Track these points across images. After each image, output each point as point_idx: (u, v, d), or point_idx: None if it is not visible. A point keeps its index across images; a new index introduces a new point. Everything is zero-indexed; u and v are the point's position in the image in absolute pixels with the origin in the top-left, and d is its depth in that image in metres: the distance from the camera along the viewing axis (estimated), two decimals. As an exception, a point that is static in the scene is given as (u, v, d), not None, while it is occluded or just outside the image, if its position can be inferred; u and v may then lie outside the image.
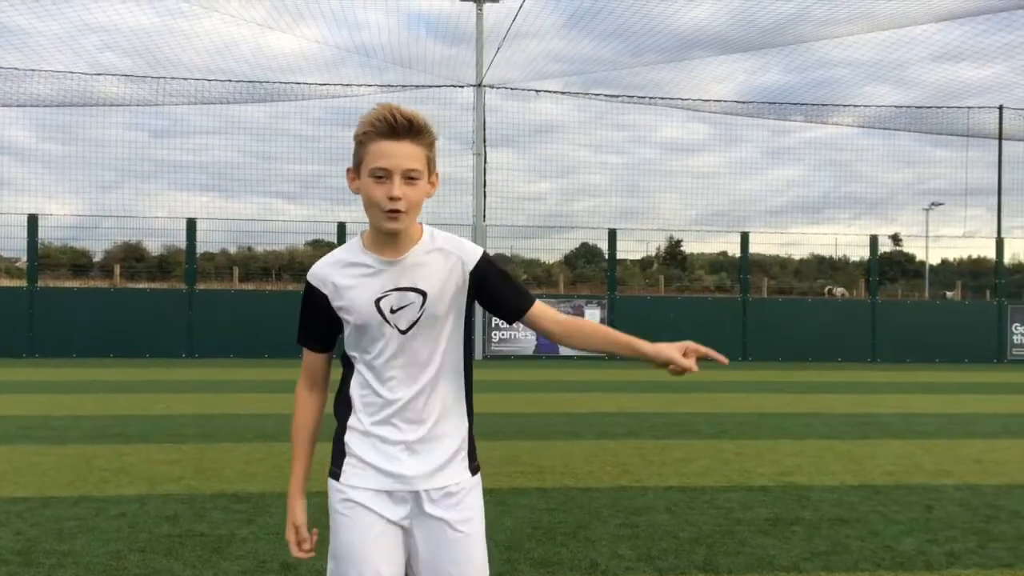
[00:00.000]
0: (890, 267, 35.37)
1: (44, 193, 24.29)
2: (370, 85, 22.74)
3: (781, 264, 40.28)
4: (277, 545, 4.84)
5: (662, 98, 24.20)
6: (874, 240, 23.15)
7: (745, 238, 22.37)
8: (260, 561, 4.53)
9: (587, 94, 24.23)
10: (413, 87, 22.65)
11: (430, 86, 22.65)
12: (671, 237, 38.48)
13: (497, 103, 22.83)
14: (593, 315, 21.42)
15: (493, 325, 21.08)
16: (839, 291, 35.48)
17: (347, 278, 2.22)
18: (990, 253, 25.22)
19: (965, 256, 37.06)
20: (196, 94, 21.79)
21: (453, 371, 2.34)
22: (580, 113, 25.33)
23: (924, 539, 5.16)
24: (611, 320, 21.37)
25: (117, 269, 25.70)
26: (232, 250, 30.93)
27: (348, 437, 2.27)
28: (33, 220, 19.85)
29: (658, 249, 41.09)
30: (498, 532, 5.19)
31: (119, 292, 21.33)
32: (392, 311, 2.20)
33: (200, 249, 21.36)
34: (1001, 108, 24.69)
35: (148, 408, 10.63)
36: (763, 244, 34.28)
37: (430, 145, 2.19)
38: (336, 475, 2.29)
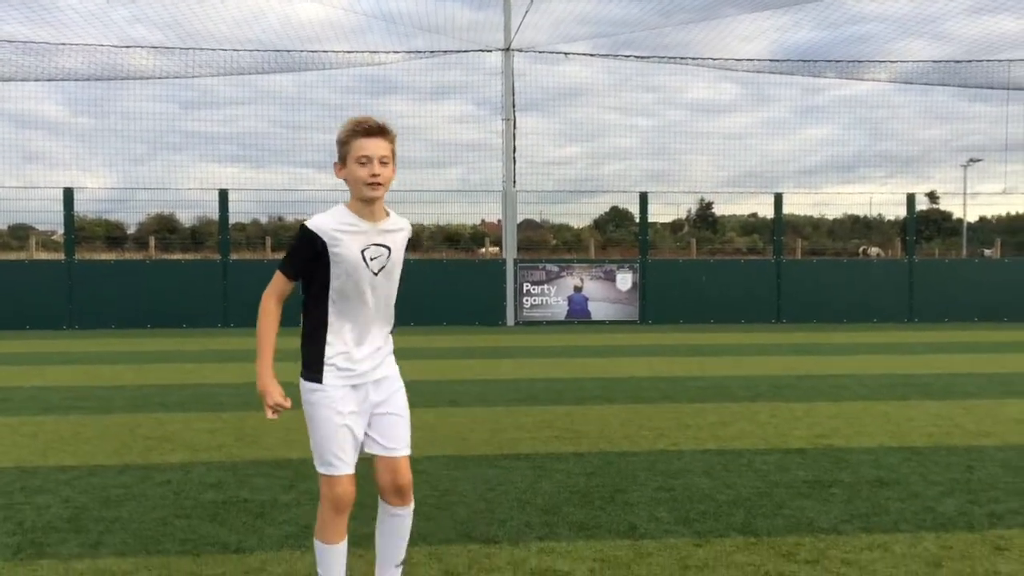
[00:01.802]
0: (926, 226, 34.81)
1: (78, 166, 24.56)
2: (396, 52, 22.59)
3: (814, 225, 39.75)
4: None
5: (692, 58, 23.81)
6: (911, 198, 22.73)
7: (778, 199, 22.08)
8: (303, 526, 4.61)
9: (616, 55, 23.89)
10: (440, 52, 22.49)
11: (457, 51, 22.47)
12: (702, 199, 38.11)
13: (525, 67, 22.60)
14: (625, 279, 21.34)
15: (524, 291, 21.08)
16: (874, 251, 34.97)
17: (342, 232, 3.11)
18: (1030, 210, 24.66)
19: (1004, 213, 36.32)
20: (225, 65, 21.79)
21: (392, 304, 3.39)
22: (608, 75, 24.99)
23: (965, 500, 5.12)
24: (643, 284, 21.28)
25: (152, 241, 26.00)
26: (263, 220, 31.16)
27: (328, 355, 3.21)
28: (68, 193, 20.10)
29: (689, 212, 40.73)
30: (536, 496, 5.23)
31: (154, 264, 21.59)
32: (371, 259, 3.18)
33: (232, 220, 21.53)
34: (1043, 60, 23.97)
35: (187, 378, 10.80)
36: (796, 205, 33.80)
37: (393, 140, 3.19)
38: (317, 379, 3.23)
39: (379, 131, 3.13)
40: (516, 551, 4.25)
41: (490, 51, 22.26)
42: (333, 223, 3.12)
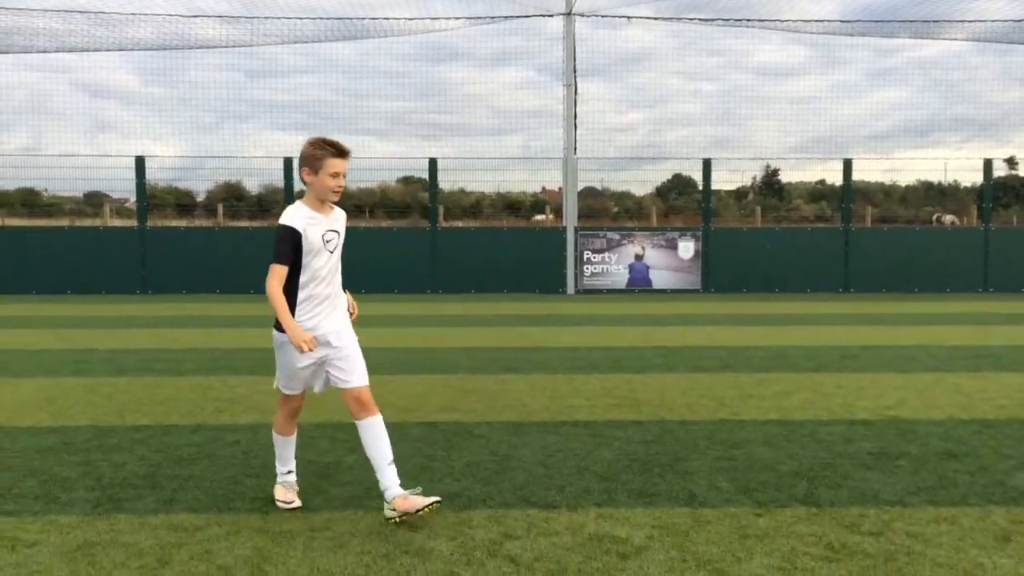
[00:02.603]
0: (1004, 192, 33.49)
1: (149, 135, 25.19)
2: (458, 18, 22.51)
3: (886, 191, 38.59)
4: (381, 472, 5.02)
5: (759, 20, 23.19)
6: (988, 164, 21.90)
7: (847, 165, 21.50)
8: (365, 488, 4.72)
9: (680, 18, 23.40)
10: (501, 18, 22.35)
11: (518, 16, 22.29)
12: (768, 166, 37.31)
13: (586, 32, 22.32)
14: (688, 248, 21.09)
15: (585, 259, 21.01)
16: (948, 218, 33.83)
17: (308, 225, 4.14)
18: (1117, 176, 23.54)
19: (1089, 178, 34.67)
20: (288, 33, 22.01)
21: (339, 270, 4.37)
22: (672, 39, 24.50)
23: (1039, 475, 4.98)
24: (705, 252, 21.00)
25: (220, 208, 26.58)
26: (327, 188, 31.49)
27: (297, 312, 4.18)
28: (140, 162, 20.65)
29: (754, 179, 39.90)
30: (595, 463, 5.25)
31: (223, 230, 22.10)
32: (327, 241, 4.22)
33: (296, 187, 21.83)
34: None
35: (254, 342, 11.07)
36: (866, 171, 32.87)
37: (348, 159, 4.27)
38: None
39: (346, 153, 4.21)
40: (574, 516, 4.29)
41: (551, 15, 22.03)
42: (301, 220, 4.14)
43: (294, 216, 4.13)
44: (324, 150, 4.13)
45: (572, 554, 3.79)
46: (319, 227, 4.17)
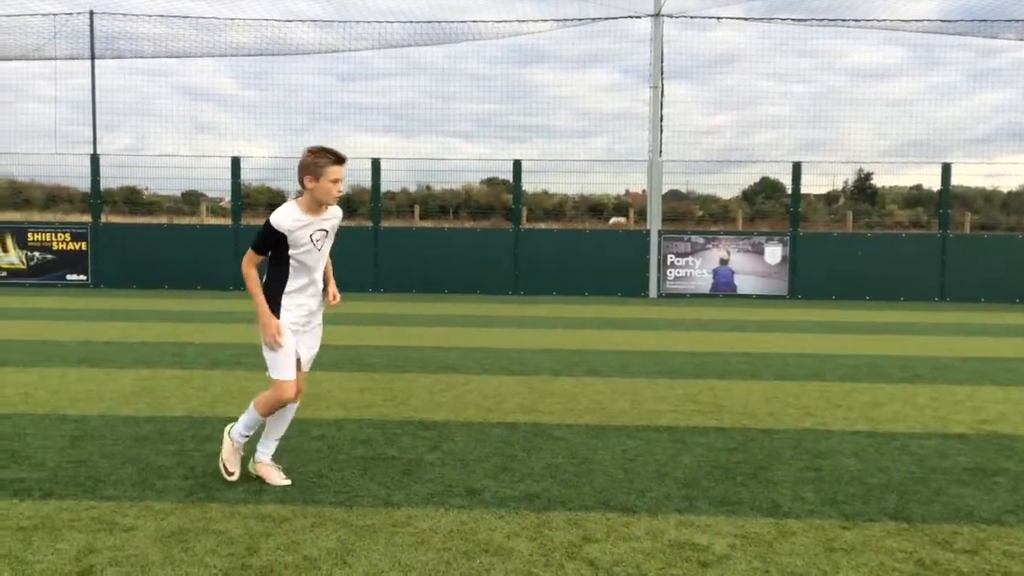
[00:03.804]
0: (1117, 199, 31.61)
1: (244, 136, 26.07)
2: (546, 20, 22.56)
3: (987, 197, 36.97)
4: (462, 471, 5.08)
5: (855, 20, 22.53)
6: (1099, 169, 20.76)
7: (946, 169, 20.69)
8: (447, 485, 4.78)
9: (772, 19, 22.93)
10: (589, 20, 22.29)
11: (606, 18, 22.20)
12: (860, 170, 36.13)
13: (674, 33, 22.07)
14: (774, 253, 20.64)
15: (668, 263, 20.78)
16: (1054, 226, 32.11)
17: (296, 227, 4.51)
18: None
19: None
20: (379, 38, 22.45)
21: (325, 265, 4.81)
22: (762, 41, 24.00)
23: None
24: (793, 257, 20.50)
25: (310, 208, 27.25)
26: (412, 189, 32.04)
27: (284, 301, 4.65)
28: (236, 162, 21.36)
29: (845, 183, 38.71)
30: (676, 469, 5.20)
31: (311, 230, 22.64)
32: (316, 240, 4.60)
33: (383, 188, 22.27)
34: None
35: (340, 339, 11.32)
36: (966, 175, 31.55)
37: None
38: (275, 315, 4.65)
39: (344, 160, 4.54)
40: (655, 522, 4.25)
41: (639, 17, 21.87)
42: (288, 221, 4.49)
43: (283, 219, 4.49)
44: (325, 158, 4.46)
45: (651, 560, 3.76)
46: (308, 228, 4.56)
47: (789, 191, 21.53)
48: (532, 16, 22.60)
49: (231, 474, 4.79)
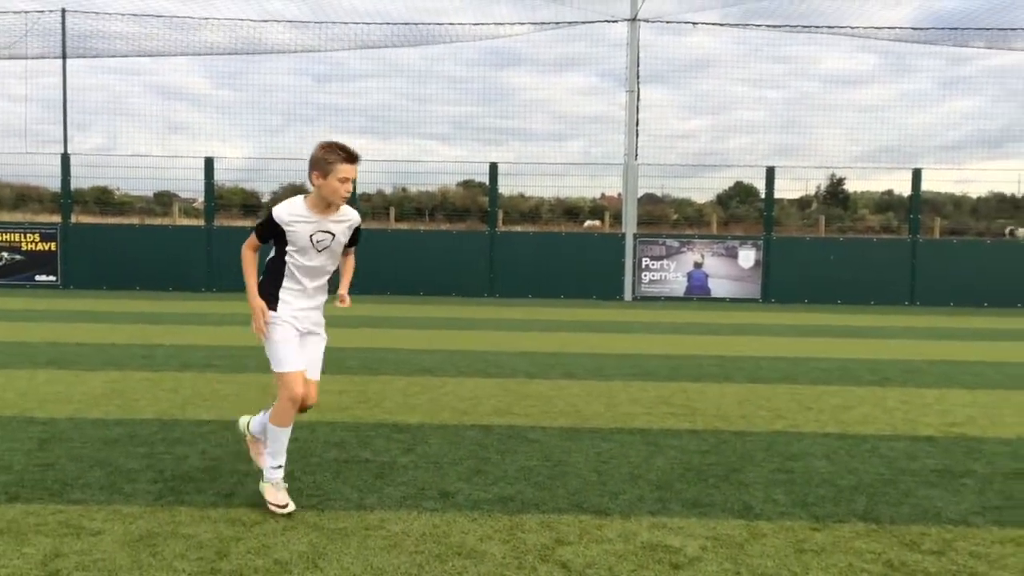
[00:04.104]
0: (1083, 206, 32.14)
1: (218, 137, 25.87)
2: (523, 23, 22.60)
3: (956, 203, 37.49)
4: (436, 474, 5.06)
5: (828, 27, 22.77)
6: (1065, 176, 21.13)
7: (917, 175, 20.96)
8: (420, 488, 4.76)
9: (746, 25, 23.11)
10: (566, 24, 22.35)
11: (583, 22, 22.28)
12: (833, 175, 36.57)
13: (650, 38, 22.19)
14: (748, 257, 20.80)
15: (644, 267, 20.87)
16: (1021, 231, 32.67)
17: (295, 221, 4.29)
18: None
19: None
20: (356, 38, 22.37)
21: (331, 271, 4.52)
22: (737, 46, 24.19)
23: (1113, 500, 4.78)
24: (766, 262, 20.67)
25: (284, 209, 27.09)
26: (388, 191, 31.95)
27: (281, 295, 4.39)
28: (209, 163, 21.17)
29: (818, 188, 39.15)
30: (649, 471, 5.22)
31: (286, 231, 22.51)
32: (317, 241, 4.34)
33: (359, 190, 22.15)
34: None
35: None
36: (936, 181, 31.98)
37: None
38: (273, 308, 4.38)
39: (356, 158, 4.28)
40: (627, 524, 4.26)
41: (616, 21, 21.96)
42: (288, 215, 4.29)
43: (283, 211, 4.29)
44: (336, 155, 4.22)
45: (624, 562, 3.77)
46: (309, 227, 4.29)
47: (763, 196, 21.71)
48: (509, 19, 22.64)
49: (283, 506, 4.29)
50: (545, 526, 4.22)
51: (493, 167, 21.22)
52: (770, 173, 21.07)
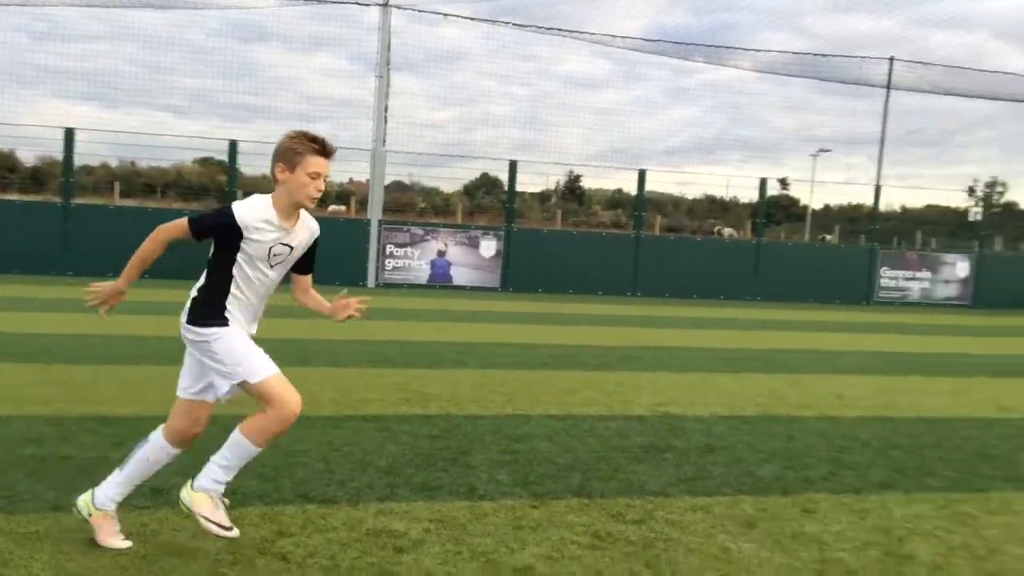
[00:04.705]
0: (776, 210, 36.66)
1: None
2: (269, -3, 21.68)
3: (675, 203, 41.18)
4: (149, 468, 4.73)
5: (569, 31, 24.03)
6: (763, 183, 23.88)
7: (642, 176, 22.70)
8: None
9: (495, 21, 23.79)
10: (316, 2, 21.74)
11: (334, 2, 21.78)
12: (571, 172, 38.75)
13: (403, 25, 22.18)
14: (489, 246, 21.47)
15: (387, 253, 20.88)
16: (727, 231, 36.57)
17: (260, 229, 3.52)
18: (868, 199, 26.44)
19: (845, 202, 38.73)
20: (78, -6, 20.33)
21: (273, 289, 3.81)
22: (487, 42, 24.86)
23: (782, 466, 5.48)
24: (507, 252, 21.45)
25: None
26: (113, 164, 29.40)
27: (228, 309, 3.60)
28: None
29: (557, 183, 41.34)
30: (380, 458, 5.23)
31: (-12, 203, 20.02)
32: (274, 255, 3.61)
33: (79, 162, 20.22)
34: (892, 60, 25.54)
35: (18, 327, 10.13)
36: (659, 182, 34.94)
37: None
38: (225, 323, 3.59)
39: (331, 152, 3.58)
40: (353, 512, 4.24)
41: (368, 5, 21.71)
42: (255, 219, 3.50)
43: (248, 213, 3.49)
44: (305, 145, 3.50)
45: (347, 549, 3.75)
46: (271, 235, 3.55)
47: (506, 188, 22.50)
48: (255, -9, 21.64)
49: (229, 529, 3.57)
50: (267, 518, 4.09)
51: (233, 145, 20.21)
52: (513, 167, 21.88)
